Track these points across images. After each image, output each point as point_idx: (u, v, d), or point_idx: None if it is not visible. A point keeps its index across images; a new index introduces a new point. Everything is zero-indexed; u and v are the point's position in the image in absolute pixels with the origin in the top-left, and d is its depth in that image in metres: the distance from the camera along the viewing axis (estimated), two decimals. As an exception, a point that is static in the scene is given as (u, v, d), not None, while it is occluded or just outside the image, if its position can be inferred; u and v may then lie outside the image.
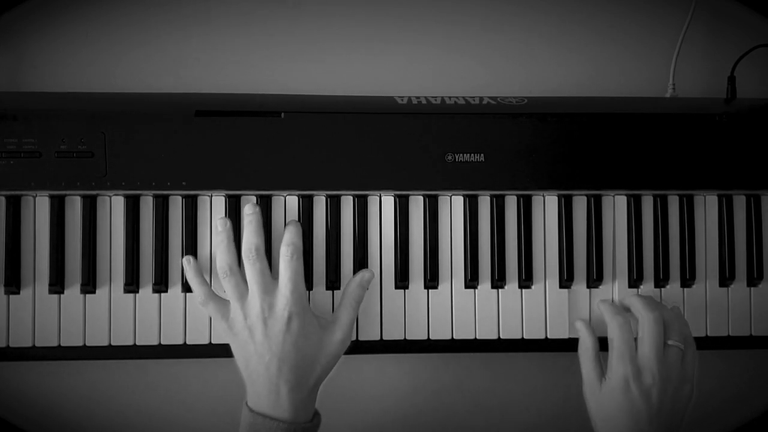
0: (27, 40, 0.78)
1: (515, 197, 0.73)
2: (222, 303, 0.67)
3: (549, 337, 0.72)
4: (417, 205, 0.72)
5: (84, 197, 0.70)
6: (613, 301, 0.73)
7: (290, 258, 0.67)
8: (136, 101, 0.71)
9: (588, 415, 0.69)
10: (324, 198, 0.71)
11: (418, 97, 0.73)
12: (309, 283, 0.70)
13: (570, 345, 0.72)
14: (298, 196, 0.71)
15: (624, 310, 0.71)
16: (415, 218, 0.72)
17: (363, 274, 0.70)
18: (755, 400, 0.81)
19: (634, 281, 0.73)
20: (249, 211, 0.69)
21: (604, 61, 0.82)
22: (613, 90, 0.82)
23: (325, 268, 0.71)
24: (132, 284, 0.69)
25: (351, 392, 0.78)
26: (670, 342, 0.68)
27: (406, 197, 0.72)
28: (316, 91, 0.75)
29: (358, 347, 0.71)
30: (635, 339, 0.68)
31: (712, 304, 0.74)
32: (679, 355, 0.68)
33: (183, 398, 0.77)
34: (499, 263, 0.72)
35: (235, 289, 0.66)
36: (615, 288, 0.73)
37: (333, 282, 0.71)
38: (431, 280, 0.71)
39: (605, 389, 0.68)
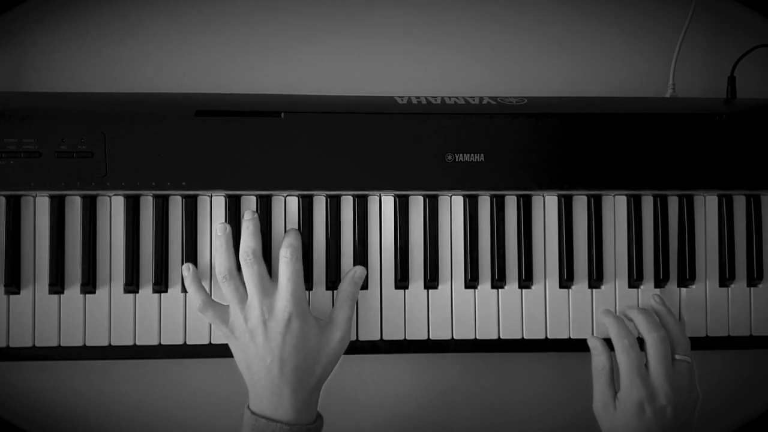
0: (27, 40, 0.78)
1: (515, 197, 0.73)
2: (221, 308, 0.67)
3: (549, 337, 0.72)
4: (417, 205, 0.72)
5: (84, 197, 0.70)
6: (615, 307, 0.73)
7: (290, 259, 0.67)
8: (136, 101, 0.71)
9: (588, 420, 0.70)
10: (324, 198, 0.71)
11: (418, 97, 0.73)
12: (309, 283, 0.70)
13: (570, 345, 0.72)
14: (298, 196, 0.71)
15: (627, 319, 0.71)
16: (415, 218, 0.72)
17: (355, 270, 0.70)
18: (755, 400, 0.81)
19: (634, 281, 0.73)
20: (247, 217, 0.69)
21: (604, 61, 0.82)
22: (613, 90, 0.82)
23: (325, 268, 0.71)
24: (132, 284, 0.69)
25: (351, 392, 0.78)
26: (677, 357, 0.68)
27: (406, 197, 0.72)
28: (316, 91, 0.75)
29: (358, 347, 0.71)
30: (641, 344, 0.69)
31: (712, 304, 0.74)
32: (687, 368, 0.68)
33: (183, 398, 0.77)
34: (499, 263, 0.72)
35: (234, 293, 0.66)
36: (615, 288, 0.73)
37: (333, 282, 0.71)
38: (431, 280, 0.71)
39: (620, 412, 0.67)
